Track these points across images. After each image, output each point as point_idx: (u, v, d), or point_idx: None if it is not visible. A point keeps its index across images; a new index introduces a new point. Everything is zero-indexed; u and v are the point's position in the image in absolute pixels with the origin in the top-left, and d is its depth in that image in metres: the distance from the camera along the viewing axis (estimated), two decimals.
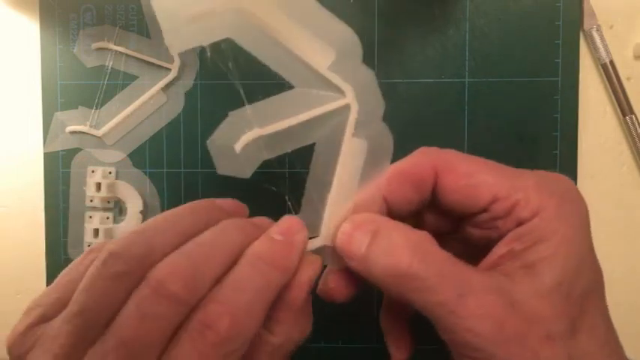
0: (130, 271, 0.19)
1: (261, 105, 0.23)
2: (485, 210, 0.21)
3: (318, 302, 0.35)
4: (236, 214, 0.24)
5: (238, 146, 0.23)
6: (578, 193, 0.21)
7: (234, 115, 0.23)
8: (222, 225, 0.22)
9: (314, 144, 0.23)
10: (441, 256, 0.20)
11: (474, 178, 0.21)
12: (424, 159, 0.22)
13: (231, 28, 0.21)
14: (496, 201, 0.21)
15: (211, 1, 0.21)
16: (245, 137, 0.23)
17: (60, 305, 0.20)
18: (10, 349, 0.20)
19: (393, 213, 0.23)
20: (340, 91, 0.22)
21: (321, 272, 0.23)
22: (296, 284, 0.21)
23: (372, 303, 0.34)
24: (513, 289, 0.19)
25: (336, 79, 0.22)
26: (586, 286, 0.19)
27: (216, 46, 0.21)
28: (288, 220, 0.22)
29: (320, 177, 0.23)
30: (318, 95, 0.22)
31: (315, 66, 0.22)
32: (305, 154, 0.23)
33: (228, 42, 0.21)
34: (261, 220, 0.23)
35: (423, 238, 0.20)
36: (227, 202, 0.24)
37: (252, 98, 0.23)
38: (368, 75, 0.22)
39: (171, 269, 0.19)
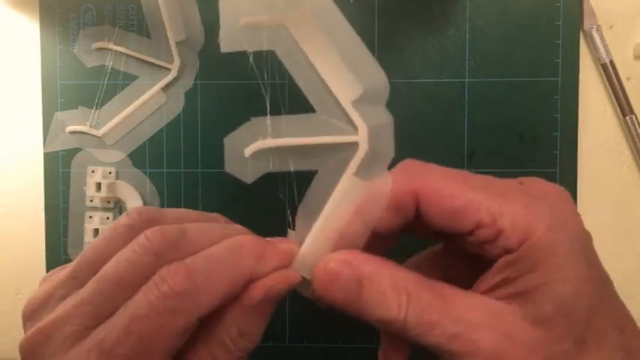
0: (133, 226, 0.21)
1: (281, 119, 0.23)
2: (471, 233, 0.20)
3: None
4: None
5: (248, 151, 0.23)
6: (569, 207, 0.20)
7: (254, 122, 0.23)
8: (231, 225, 0.23)
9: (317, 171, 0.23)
10: (430, 297, 0.20)
11: (457, 201, 0.20)
12: (404, 182, 0.21)
13: (275, 42, 0.22)
14: (480, 227, 0.20)
15: (264, 13, 0.22)
16: (256, 145, 0.23)
17: None
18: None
19: (377, 234, 0.22)
20: (355, 128, 0.23)
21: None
22: (257, 284, 0.21)
23: None
24: (508, 317, 0.19)
25: (354, 115, 0.22)
26: (590, 303, 0.19)
27: (258, 55, 0.23)
28: (283, 239, 0.23)
29: (312, 205, 0.23)
30: (334, 125, 0.23)
31: (340, 97, 0.23)
32: (306, 176, 0.23)
33: (270, 54, 0.23)
34: None
35: (410, 280, 0.20)
36: None
37: (274, 112, 0.24)
38: (387, 120, 0.22)
39: (160, 229, 0.21)
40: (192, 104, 0.35)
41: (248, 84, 0.34)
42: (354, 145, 0.23)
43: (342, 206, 0.23)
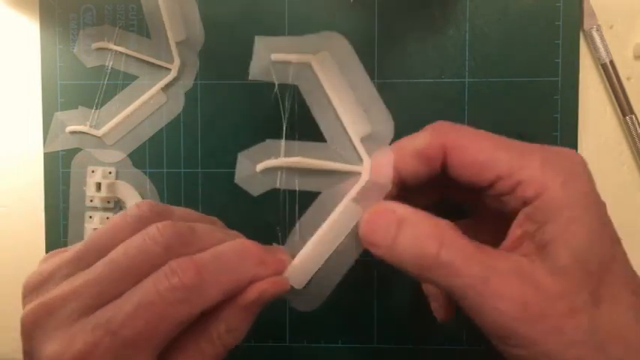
0: (142, 217, 0.23)
1: (294, 144, 0.26)
2: (491, 186, 0.22)
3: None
4: None
5: (259, 167, 0.26)
6: (584, 168, 0.22)
7: (269, 143, 0.26)
8: (229, 230, 0.26)
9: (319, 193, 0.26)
10: (464, 242, 0.21)
11: (479, 155, 0.22)
12: (434, 137, 0.23)
13: (300, 78, 0.26)
14: (499, 179, 0.21)
15: (293, 52, 0.26)
16: (268, 162, 0.26)
17: None
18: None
19: (405, 183, 0.24)
20: (360, 160, 0.25)
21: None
22: (253, 286, 0.23)
23: (371, 303, 0.34)
24: (532, 270, 0.20)
25: (360, 148, 0.25)
26: (602, 259, 0.20)
27: (282, 87, 0.26)
28: (277, 248, 0.25)
29: (309, 222, 0.25)
30: (341, 156, 0.26)
31: (350, 132, 0.26)
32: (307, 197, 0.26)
33: (294, 88, 0.26)
34: None
35: (447, 225, 0.22)
36: None
37: (289, 137, 0.27)
38: (388, 157, 0.25)
39: (171, 224, 0.22)
40: (192, 104, 0.35)
41: (248, 84, 0.34)
42: (356, 175, 0.25)
43: (337, 228, 0.25)
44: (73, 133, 0.35)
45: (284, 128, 0.27)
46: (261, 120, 0.34)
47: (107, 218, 0.35)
